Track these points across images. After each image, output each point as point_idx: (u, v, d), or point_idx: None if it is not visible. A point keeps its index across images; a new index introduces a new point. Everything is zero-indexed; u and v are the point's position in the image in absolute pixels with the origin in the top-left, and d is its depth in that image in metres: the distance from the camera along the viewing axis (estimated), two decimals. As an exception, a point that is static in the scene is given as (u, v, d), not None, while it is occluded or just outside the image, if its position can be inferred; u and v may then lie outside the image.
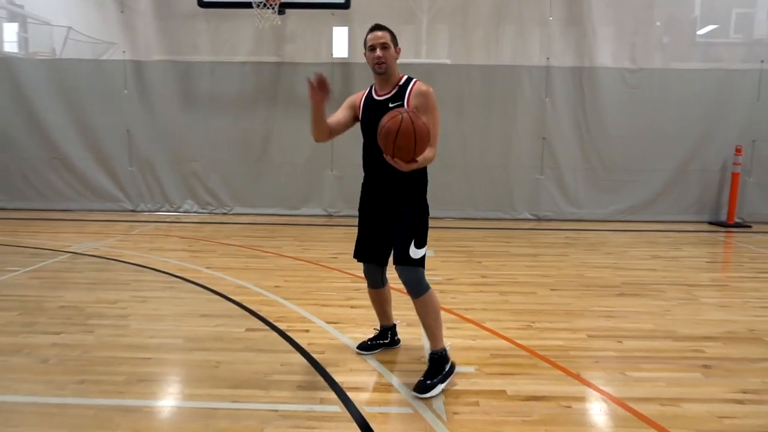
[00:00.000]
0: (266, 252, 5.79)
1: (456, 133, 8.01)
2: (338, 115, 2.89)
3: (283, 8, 6.90)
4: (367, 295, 3.14)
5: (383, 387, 2.76)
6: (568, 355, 3.18)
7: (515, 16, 7.95)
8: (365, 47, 2.76)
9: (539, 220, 8.15)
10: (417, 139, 2.36)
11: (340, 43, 7.95)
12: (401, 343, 3.25)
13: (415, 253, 2.69)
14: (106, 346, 3.20)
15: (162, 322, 3.64)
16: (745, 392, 2.75)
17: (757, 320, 3.86)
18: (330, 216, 8.17)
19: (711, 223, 8.11)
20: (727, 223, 7.98)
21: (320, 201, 8.27)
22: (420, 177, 2.80)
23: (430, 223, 2.85)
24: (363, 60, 2.92)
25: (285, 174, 8.21)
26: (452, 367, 2.79)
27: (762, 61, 7.94)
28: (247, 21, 7.71)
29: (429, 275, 2.81)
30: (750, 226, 7.88)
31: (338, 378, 2.80)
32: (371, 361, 3.02)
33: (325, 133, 2.80)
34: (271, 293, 4.29)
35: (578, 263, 5.53)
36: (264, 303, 4.04)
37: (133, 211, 8.28)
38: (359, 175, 2.96)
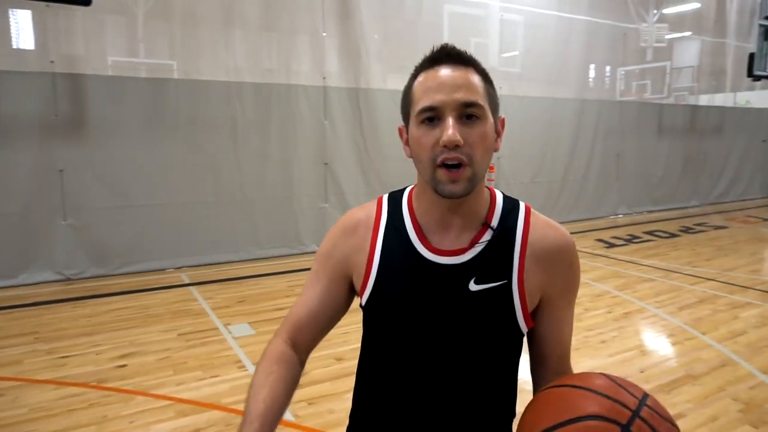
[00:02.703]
0: (7, 380, 3.74)
1: (231, 163, 6.83)
2: (315, 301, 1.20)
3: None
4: None
5: None
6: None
7: (286, 29, 7.12)
8: (408, 108, 1.09)
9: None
10: None
11: (64, 43, 5.84)
12: None
13: None
14: None
15: None
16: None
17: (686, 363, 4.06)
18: (69, 281, 6.00)
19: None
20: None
21: (50, 262, 5.98)
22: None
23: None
24: (110, 71, 1.53)
25: (-13, 230, 5.68)
26: None
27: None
28: None
29: None
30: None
31: None
32: None
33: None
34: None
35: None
36: None
37: None
38: (105, 222, 1.80)
